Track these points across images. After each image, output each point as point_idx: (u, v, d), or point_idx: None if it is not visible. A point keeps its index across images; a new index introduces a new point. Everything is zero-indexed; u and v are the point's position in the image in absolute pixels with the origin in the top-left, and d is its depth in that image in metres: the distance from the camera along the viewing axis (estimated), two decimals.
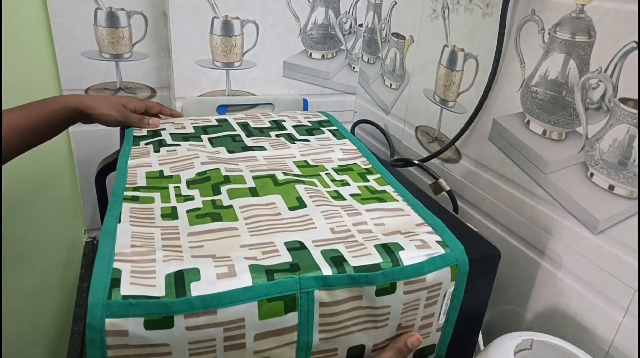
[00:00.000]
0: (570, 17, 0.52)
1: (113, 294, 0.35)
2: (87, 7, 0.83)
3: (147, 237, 0.42)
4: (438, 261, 0.43)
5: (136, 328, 0.34)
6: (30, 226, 0.96)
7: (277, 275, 0.38)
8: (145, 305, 0.35)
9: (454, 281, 0.44)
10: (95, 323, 0.34)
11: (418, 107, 0.81)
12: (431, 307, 0.45)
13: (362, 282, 0.40)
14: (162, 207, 0.48)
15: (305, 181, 0.56)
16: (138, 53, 0.89)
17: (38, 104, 0.64)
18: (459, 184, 0.72)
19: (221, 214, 0.48)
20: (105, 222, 0.44)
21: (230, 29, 0.86)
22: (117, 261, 0.38)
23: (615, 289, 0.49)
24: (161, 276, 0.37)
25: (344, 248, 0.43)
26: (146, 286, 0.36)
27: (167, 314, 0.35)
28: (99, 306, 0.34)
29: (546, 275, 0.58)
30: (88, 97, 0.68)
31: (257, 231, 0.45)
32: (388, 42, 0.88)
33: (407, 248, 0.43)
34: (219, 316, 0.36)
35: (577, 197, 0.53)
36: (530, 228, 0.59)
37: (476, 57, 0.66)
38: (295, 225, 0.47)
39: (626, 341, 0.49)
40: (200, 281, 0.37)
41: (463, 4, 0.67)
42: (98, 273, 0.36)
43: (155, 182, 0.53)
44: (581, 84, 0.51)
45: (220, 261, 0.39)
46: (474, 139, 0.68)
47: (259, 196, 0.51)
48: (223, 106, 0.90)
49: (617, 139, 0.48)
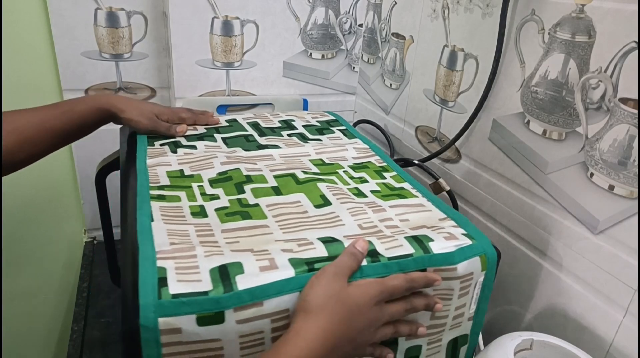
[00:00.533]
0: (570, 17, 0.52)
1: (162, 293, 0.36)
2: (87, 7, 0.83)
3: (183, 234, 0.43)
4: (467, 251, 0.45)
5: (189, 325, 0.35)
6: (30, 227, 0.96)
7: (317, 265, 0.40)
8: (197, 302, 0.36)
9: (484, 271, 0.46)
10: (148, 323, 0.35)
11: (418, 107, 0.81)
12: (464, 297, 0.46)
13: (395, 269, 0.42)
14: (190, 205, 0.49)
15: (325, 179, 0.57)
16: (138, 53, 0.89)
17: (69, 104, 0.63)
18: (459, 184, 0.72)
19: (250, 213, 0.49)
20: (139, 221, 0.44)
21: (230, 29, 0.86)
22: (159, 259, 0.39)
23: (615, 289, 0.49)
24: (205, 270, 0.38)
25: (376, 240, 0.45)
26: (193, 282, 0.37)
27: (218, 309, 0.36)
28: (150, 307, 0.35)
29: (546, 275, 0.58)
30: (120, 99, 0.65)
31: (287, 228, 0.47)
32: (388, 42, 0.88)
33: (437, 240, 0.45)
34: (265, 307, 0.37)
35: (577, 197, 0.53)
36: (530, 228, 0.59)
37: (476, 57, 0.66)
38: (323, 222, 0.48)
39: (626, 341, 0.49)
40: (245, 274, 0.38)
41: (463, 4, 0.67)
42: (144, 273, 0.37)
43: (178, 181, 0.54)
44: (581, 84, 0.51)
45: (260, 255, 0.41)
46: (474, 139, 0.68)
47: (282, 195, 0.53)
48: (223, 106, 0.91)
49: (617, 139, 0.48)
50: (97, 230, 1.01)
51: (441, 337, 0.48)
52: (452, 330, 0.48)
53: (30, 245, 0.98)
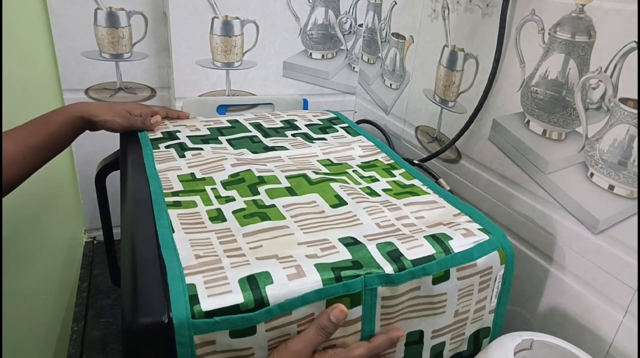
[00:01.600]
0: (570, 17, 0.52)
1: (195, 311, 0.36)
2: (87, 7, 0.83)
3: (206, 243, 0.43)
4: (485, 246, 0.46)
5: (222, 338, 0.37)
6: (30, 227, 0.96)
7: (343, 273, 0.40)
8: (230, 321, 0.36)
9: (503, 265, 0.47)
10: (184, 340, 0.36)
11: (418, 107, 0.81)
12: (484, 291, 0.47)
13: (421, 274, 0.43)
14: (208, 210, 0.49)
15: (337, 179, 0.57)
16: (138, 53, 0.89)
17: (43, 119, 0.64)
18: (459, 184, 0.72)
19: (267, 214, 0.49)
20: (160, 234, 0.44)
21: (230, 29, 0.86)
22: (188, 275, 0.39)
23: (615, 289, 0.49)
24: (234, 280, 0.38)
25: (397, 241, 0.45)
26: (223, 294, 0.37)
27: (251, 325, 0.37)
28: (185, 326, 0.35)
29: (546, 275, 0.58)
30: (91, 105, 0.67)
31: (308, 228, 0.47)
32: (388, 42, 0.88)
33: (455, 237, 0.46)
34: (293, 316, 0.39)
35: (577, 197, 0.53)
36: (530, 228, 0.59)
37: (476, 57, 0.66)
38: (342, 222, 0.48)
39: (626, 341, 0.49)
40: (274, 284, 0.38)
41: (463, 4, 0.67)
42: (175, 292, 0.37)
43: (191, 185, 0.53)
44: (581, 84, 0.51)
45: (286, 262, 0.41)
46: (474, 139, 0.68)
47: (297, 196, 0.53)
48: (223, 106, 0.91)
49: (617, 139, 0.48)
50: (97, 230, 1.01)
51: (463, 331, 0.48)
52: (473, 323, 0.49)
53: (30, 245, 0.98)
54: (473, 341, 0.50)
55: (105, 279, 0.91)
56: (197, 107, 0.89)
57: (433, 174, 0.71)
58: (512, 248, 0.47)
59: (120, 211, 0.52)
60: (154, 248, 0.42)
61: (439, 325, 0.46)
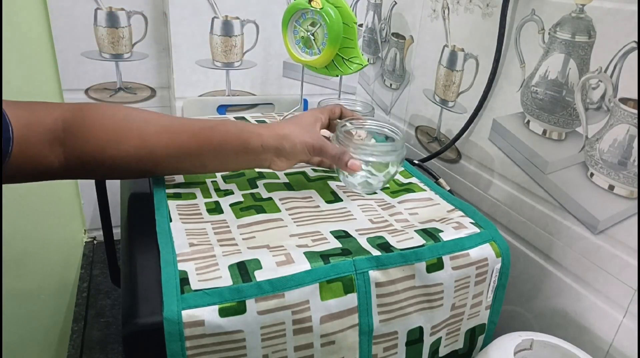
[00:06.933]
0: (570, 17, 0.52)
1: (185, 290, 0.37)
2: (87, 7, 0.83)
3: (201, 233, 0.44)
4: (475, 238, 0.47)
5: (212, 316, 0.36)
6: (30, 227, 0.96)
7: (332, 259, 0.41)
8: (219, 292, 0.37)
9: (499, 258, 0.47)
10: (172, 316, 0.35)
11: (418, 107, 0.81)
12: (480, 285, 0.47)
13: (412, 259, 0.43)
14: (206, 202, 0.50)
15: (335, 177, 0.59)
16: (138, 53, 0.89)
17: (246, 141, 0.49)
18: (459, 184, 0.72)
19: (263, 206, 0.50)
20: (158, 223, 0.45)
21: (230, 29, 0.86)
22: (180, 262, 0.39)
23: (615, 289, 0.49)
24: (224, 267, 0.39)
25: (387, 235, 0.46)
26: (213, 279, 0.38)
27: (240, 299, 0.37)
28: (174, 301, 0.36)
29: (546, 275, 0.58)
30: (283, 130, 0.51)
31: (301, 221, 0.48)
32: (388, 42, 0.88)
33: (446, 231, 0.47)
34: (286, 299, 0.38)
35: (577, 197, 0.53)
36: (530, 228, 0.59)
37: (476, 57, 0.66)
38: (335, 216, 0.50)
39: (626, 341, 0.49)
40: (263, 269, 0.39)
41: (463, 4, 0.67)
42: (166, 277, 0.38)
43: (191, 178, 0.55)
44: (581, 84, 0.51)
45: (276, 251, 0.42)
46: (474, 139, 0.68)
47: (295, 191, 0.54)
48: (223, 106, 0.90)
49: (617, 139, 0.48)
50: (97, 230, 1.01)
51: (459, 327, 0.49)
52: (470, 319, 0.49)
53: (30, 245, 0.98)
54: (469, 338, 0.50)
55: (105, 279, 0.91)
56: (197, 107, 0.88)
57: (433, 174, 0.71)
58: (505, 242, 0.48)
59: (120, 211, 0.53)
60: (154, 248, 0.42)
61: (437, 320, 0.46)
